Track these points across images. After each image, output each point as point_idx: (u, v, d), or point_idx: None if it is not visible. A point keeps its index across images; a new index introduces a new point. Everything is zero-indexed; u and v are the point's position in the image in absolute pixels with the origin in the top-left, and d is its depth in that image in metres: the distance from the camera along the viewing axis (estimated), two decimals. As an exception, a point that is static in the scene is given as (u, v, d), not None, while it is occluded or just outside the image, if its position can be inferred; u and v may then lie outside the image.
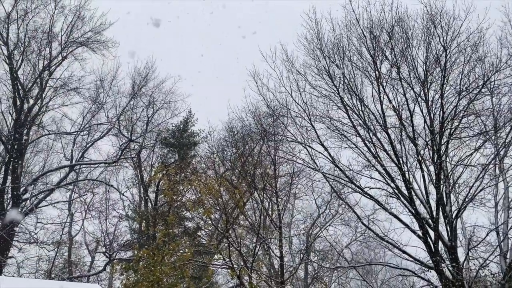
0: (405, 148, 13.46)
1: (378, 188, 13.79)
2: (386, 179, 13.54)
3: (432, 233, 12.77)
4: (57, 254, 21.29)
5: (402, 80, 13.27)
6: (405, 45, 13.26)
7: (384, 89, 13.47)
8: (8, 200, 19.12)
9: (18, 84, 19.20)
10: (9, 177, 18.87)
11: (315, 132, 14.24)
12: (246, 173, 16.83)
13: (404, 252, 13.23)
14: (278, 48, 14.68)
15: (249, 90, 19.84)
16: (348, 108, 13.97)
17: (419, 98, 13.25)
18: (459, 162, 13.23)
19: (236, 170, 19.39)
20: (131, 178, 25.37)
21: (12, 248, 18.65)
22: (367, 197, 13.94)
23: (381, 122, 13.54)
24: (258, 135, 17.91)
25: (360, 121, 13.87)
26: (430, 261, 12.73)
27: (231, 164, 20.76)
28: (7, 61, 18.84)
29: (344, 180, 14.42)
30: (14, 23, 18.60)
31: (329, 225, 19.94)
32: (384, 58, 13.48)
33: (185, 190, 20.70)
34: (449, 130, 13.16)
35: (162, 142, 24.62)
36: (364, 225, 14.50)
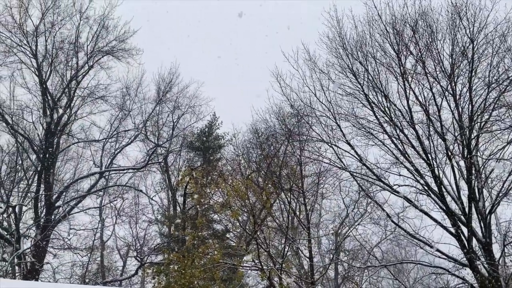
0: (433, 144, 13.20)
1: (407, 185, 13.58)
2: (415, 176, 13.31)
3: (465, 230, 12.47)
4: (90, 259, 21.78)
5: (428, 75, 13.02)
6: (430, 39, 13.01)
7: (409, 84, 13.25)
8: (42, 208, 19.67)
9: (48, 95, 19.76)
10: (42, 185, 19.43)
11: (341, 130, 14.11)
12: (272, 174, 16.82)
13: (437, 249, 12.97)
14: (300, 48, 14.61)
15: (272, 91, 19.85)
16: (373, 105, 13.81)
17: (446, 92, 12.97)
18: (491, 156, 12.88)
19: (262, 172, 19.41)
20: (159, 182, 25.80)
21: (48, 254, 19.20)
22: (396, 195, 13.73)
23: (408, 118, 13.31)
24: (283, 135, 17.88)
25: (386, 118, 13.67)
26: (464, 259, 12.44)
27: (256, 166, 20.80)
28: (37, 73, 19.44)
29: (372, 178, 14.25)
30: (42, 35, 19.19)
31: (358, 224, 19.74)
32: (409, 53, 13.26)
33: (212, 192, 20.88)
34: (479, 123, 12.84)
35: (188, 146, 24.92)
36: (394, 223, 14.28)
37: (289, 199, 15.65)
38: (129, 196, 24.00)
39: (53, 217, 19.23)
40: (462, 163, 12.85)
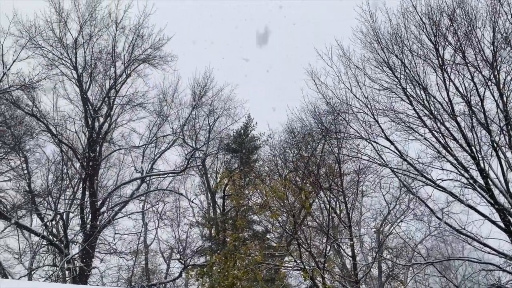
0: (477, 136, 12.75)
1: (451, 179, 13.15)
2: (459, 170, 12.89)
3: (515, 224, 11.98)
4: (135, 263, 22.32)
5: (469, 65, 12.58)
6: (469, 28, 12.57)
7: (449, 75, 12.86)
8: (88, 214, 20.33)
9: (89, 104, 20.41)
10: (87, 192, 20.08)
11: (379, 126, 13.85)
12: (310, 174, 16.71)
13: (486, 245, 12.50)
14: (334, 45, 14.45)
15: (307, 90, 19.75)
16: (412, 98, 13.49)
17: (489, 81, 12.50)
18: (540, 146, 12.31)
19: (300, 171, 19.33)
20: (198, 185, 26.15)
21: (95, 258, 19.82)
22: (439, 190, 13.33)
23: (449, 110, 12.92)
24: (319, 134, 17.73)
25: (425, 111, 13.32)
26: (516, 254, 11.95)
27: (294, 166, 20.74)
28: (77, 84, 20.12)
29: (414, 174, 13.91)
30: (80, 47, 19.79)
31: (401, 221, 19.30)
32: (447, 43, 12.87)
33: (250, 194, 20.98)
34: (525, 112, 12.30)
35: (224, 148, 25.15)
36: (439, 218, 13.85)
37: (328, 198, 15.50)
38: (170, 200, 24.52)
39: (98, 222, 19.83)
40: (509, 154, 12.35)
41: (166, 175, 23.53)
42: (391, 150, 13.76)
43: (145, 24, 20.41)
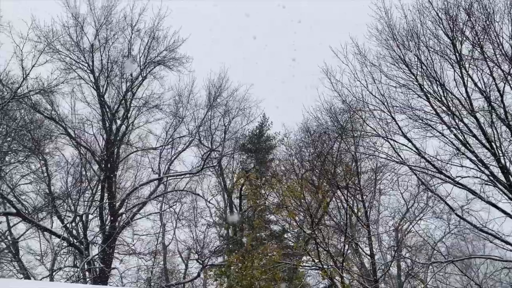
0: (497, 132, 12.52)
1: (471, 176, 12.94)
2: (479, 166, 12.68)
3: (538, 221, 11.75)
4: (154, 264, 22.51)
5: (487, 59, 12.37)
6: (487, 22, 12.35)
7: (467, 71, 12.66)
8: (107, 215, 20.58)
9: (106, 107, 20.67)
10: (106, 194, 20.34)
11: (396, 124, 13.72)
12: (326, 173, 16.63)
13: (508, 242, 12.28)
14: (349, 42, 14.37)
15: (322, 88, 19.61)
16: (429, 95, 13.33)
17: (509, 76, 12.26)
18: None
19: (316, 170, 19.26)
20: (214, 186, 26.26)
21: (114, 259, 20.04)
22: (459, 187, 13.14)
23: (467, 106, 12.72)
24: (335, 132, 17.63)
25: (443, 107, 13.14)
26: (539, 252, 11.71)
27: (310, 165, 20.67)
28: (95, 87, 20.38)
29: (432, 171, 13.74)
30: (97, 51, 20.05)
31: (420, 219, 19.09)
32: (464, 38, 12.67)
33: (267, 193, 20.98)
34: (547, 107, 12.05)
35: (240, 148, 25.22)
36: (459, 216, 13.68)
37: (345, 197, 15.41)
38: (187, 201, 24.68)
39: (117, 223, 20.06)
40: (530, 150, 12.10)
41: (183, 176, 23.68)
42: (408, 147, 13.63)
43: (160, 26, 20.60)
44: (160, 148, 22.64)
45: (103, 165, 20.47)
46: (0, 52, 16.00)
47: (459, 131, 12.96)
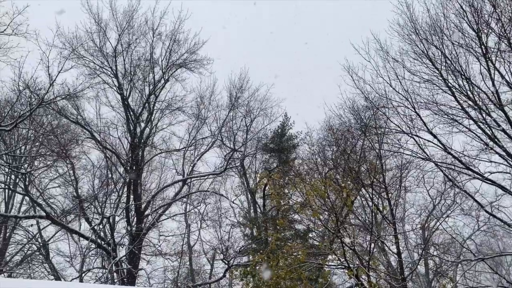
0: (526, 125, 12.20)
1: (500, 172, 12.65)
2: (509, 161, 12.36)
3: None
4: (180, 264, 22.74)
5: (515, 51, 12.06)
6: (514, 13, 12.03)
7: (493, 64, 12.35)
8: (133, 217, 20.90)
9: (130, 111, 20.99)
10: (131, 196, 20.65)
11: (421, 120, 13.48)
12: (350, 170, 16.48)
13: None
14: (370, 39, 14.24)
15: (344, 86, 19.50)
16: (454, 90, 13.06)
17: (537, 68, 11.93)
18: None
19: (340, 169, 19.11)
20: (238, 186, 26.36)
21: (141, 260, 20.34)
22: (488, 183, 12.84)
23: (495, 100, 12.41)
24: (359, 130, 17.47)
25: (469, 102, 12.86)
26: None
27: (333, 163, 20.52)
28: (118, 91, 20.72)
29: (459, 167, 13.46)
30: (120, 55, 20.38)
31: (447, 217, 18.73)
32: (490, 30, 12.37)
33: (291, 193, 20.93)
34: None
35: (263, 148, 25.24)
36: (488, 213, 13.37)
37: (370, 195, 15.24)
38: (211, 201, 24.87)
39: (143, 225, 20.34)
40: (562, 143, 11.73)
41: (206, 177, 23.85)
42: (434, 143, 13.38)
43: (180, 29, 20.79)
44: (184, 149, 22.87)
45: (128, 168, 20.79)
46: (28, 59, 16.43)
47: (486, 126, 12.66)
